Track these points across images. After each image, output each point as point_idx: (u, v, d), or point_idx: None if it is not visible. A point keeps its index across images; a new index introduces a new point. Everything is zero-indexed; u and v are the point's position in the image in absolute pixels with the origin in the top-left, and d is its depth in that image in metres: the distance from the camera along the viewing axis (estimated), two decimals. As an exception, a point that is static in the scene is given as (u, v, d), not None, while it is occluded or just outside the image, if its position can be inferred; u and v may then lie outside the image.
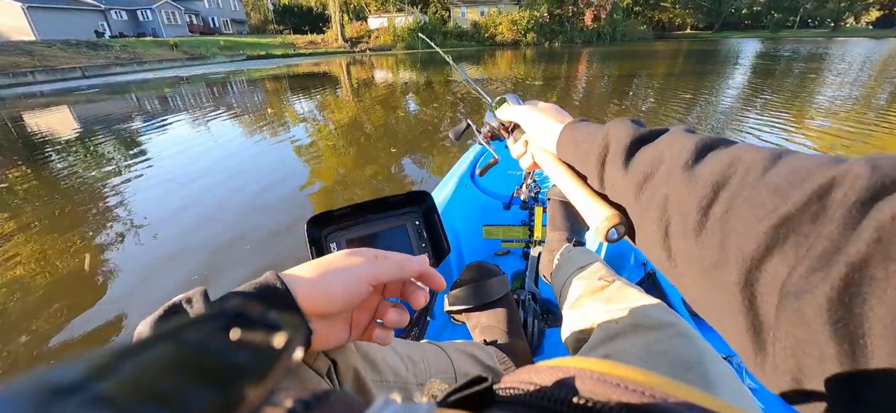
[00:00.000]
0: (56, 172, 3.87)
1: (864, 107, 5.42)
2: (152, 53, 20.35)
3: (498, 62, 16.16)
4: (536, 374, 0.24)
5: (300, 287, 0.31)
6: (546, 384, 0.22)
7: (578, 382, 0.21)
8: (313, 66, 17.72)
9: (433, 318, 1.04)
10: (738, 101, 6.07)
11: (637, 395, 0.19)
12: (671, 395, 0.19)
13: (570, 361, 0.24)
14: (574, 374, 0.22)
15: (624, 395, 0.19)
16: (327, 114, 6.38)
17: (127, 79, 14.39)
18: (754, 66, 10.81)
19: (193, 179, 3.43)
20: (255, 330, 0.12)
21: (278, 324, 0.13)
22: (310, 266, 0.34)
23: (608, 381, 0.20)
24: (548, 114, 0.49)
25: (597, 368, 0.22)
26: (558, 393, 0.21)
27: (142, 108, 7.43)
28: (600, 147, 0.36)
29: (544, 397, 0.21)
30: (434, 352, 0.60)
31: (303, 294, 0.31)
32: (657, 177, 0.30)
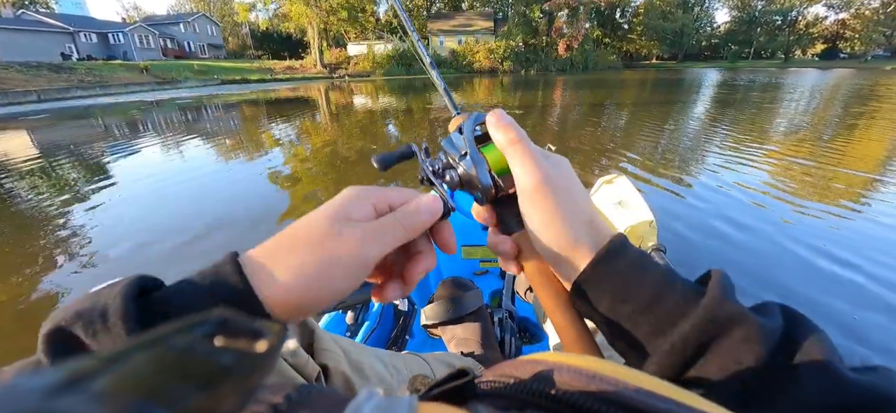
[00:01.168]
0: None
1: (820, 128, 5.85)
2: (119, 77, 19.74)
3: (476, 89, 16.50)
4: (516, 369, 0.23)
5: (268, 285, 0.24)
6: (524, 377, 0.22)
7: (556, 375, 0.21)
8: (291, 91, 17.57)
9: (412, 336, 1.07)
10: (703, 129, 6.31)
11: (609, 386, 0.19)
12: (640, 387, 0.19)
13: (548, 356, 0.24)
14: (551, 368, 0.22)
15: (597, 386, 0.20)
16: (305, 139, 6.24)
17: (88, 103, 13.74)
18: (717, 95, 11.38)
19: (155, 227, 3.22)
20: (238, 337, 0.13)
21: (261, 331, 0.13)
22: (285, 246, 0.25)
23: (583, 374, 0.21)
24: (567, 214, 0.29)
25: (573, 363, 0.22)
26: (535, 385, 0.21)
27: (89, 138, 6.79)
28: (695, 338, 0.23)
29: (522, 389, 0.21)
30: (415, 361, 0.64)
31: (272, 294, 0.24)
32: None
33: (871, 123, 6.08)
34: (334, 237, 0.25)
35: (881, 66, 35.89)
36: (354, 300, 0.96)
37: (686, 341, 0.23)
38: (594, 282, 0.28)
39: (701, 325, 0.23)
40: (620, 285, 0.27)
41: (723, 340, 0.23)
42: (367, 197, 0.28)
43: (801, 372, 0.21)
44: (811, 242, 2.21)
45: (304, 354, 0.43)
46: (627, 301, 0.26)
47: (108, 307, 0.21)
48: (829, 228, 2.41)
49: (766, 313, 0.24)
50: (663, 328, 0.25)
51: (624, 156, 4.38)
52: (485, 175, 0.32)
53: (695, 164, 4.02)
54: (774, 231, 2.38)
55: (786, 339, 0.23)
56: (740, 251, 2.18)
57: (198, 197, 3.50)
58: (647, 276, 0.26)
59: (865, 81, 16.12)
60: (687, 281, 0.27)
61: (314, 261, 0.25)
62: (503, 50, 32.89)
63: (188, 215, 3.04)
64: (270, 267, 0.24)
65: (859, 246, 2.17)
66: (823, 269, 1.97)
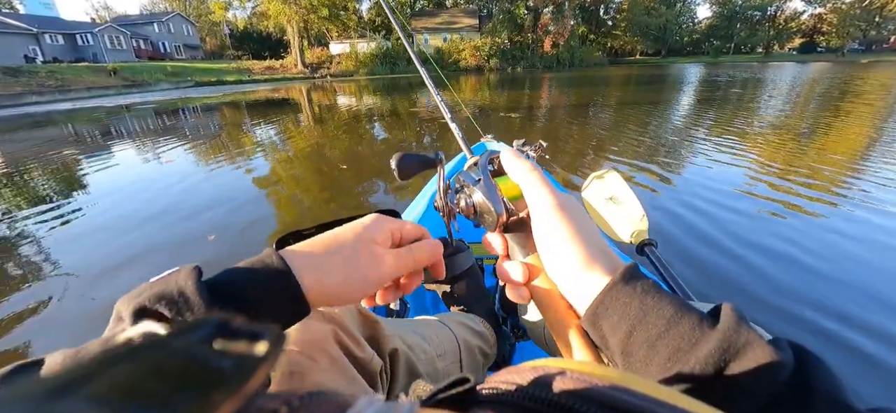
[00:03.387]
0: None
1: (800, 119, 6.12)
2: (84, 80, 18.68)
3: (462, 87, 16.01)
4: (517, 375, 0.24)
5: (307, 276, 0.29)
6: (525, 383, 0.23)
7: (557, 381, 0.21)
8: (271, 91, 16.82)
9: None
10: (688, 123, 6.16)
11: (612, 392, 0.20)
12: (645, 393, 0.19)
13: (551, 362, 0.24)
14: (553, 374, 0.22)
15: (600, 391, 0.20)
16: (288, 142, 5.68)
17: (44, 109, 12.73)
18: (701, 94, 11.15)
19: (134, 226, 2.73)
20: (238, 340, 0.13)
21: (260, 334, 0.14)
22: (317, 248, 0.31)
23: (585, 380, 0.21)
24: (582, 236, 0.31)
25: (575, 368, 0.22)
26: (536, 391, 0.21)
27: (27, 154, 6.11)
28: (713, 363, 0.23)
29: (524, 396, 0.22)
30: (438, 326, 0.71)
31: (310, 284, 0.29)
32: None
33: (848, 121, 5.98)
34: (361, 254, 0.32)
35: (857, 59, 36.72)
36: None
37: (704, 367, 0.23)
38: (611, 305, 0.27)
39: (718, 349, 0.23)
40: (637, 309, 0.27)
41: (738, 365, 0.23)
42: (389, 227, 0.35)
43: (815, 402, 0.22)
44: (790, 236, 2.27)
45: (370, 350, 0.49)
46: (644, 326, 0.26)
47: (184, 289, 0.25)
48: (807, 224, 2.47)
49: (778, 346, 0.24)
50: (681, 353, 0.25)
51: (610, 155, 4.33)
52: (497, 201, 0.34)
53: (678, 161, 3.99)
54: (758, 226, 2.42)
55: (798, 371, 0.23)
56: (727, 249, 2.16)
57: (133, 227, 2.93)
58: (663, 301, 0.26)
59: (842, 75, 16.22)
60: (700, 309, 0.27)
61: (344, 269, 0.31)
62: (489, 47, 32.50)
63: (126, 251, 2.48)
64: (308, 264, 0.30)
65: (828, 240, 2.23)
66: (803, 264, 2.01)
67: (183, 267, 0.26)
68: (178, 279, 0.25)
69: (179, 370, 0.11)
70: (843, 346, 1.46)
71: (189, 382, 0.11)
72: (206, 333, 0.13)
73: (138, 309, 0.24)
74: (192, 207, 3.16)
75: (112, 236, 2.68)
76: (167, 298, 0.24)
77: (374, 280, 0.33)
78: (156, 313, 0.24)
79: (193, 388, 0.11)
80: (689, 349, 0.24)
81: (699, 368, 0.23)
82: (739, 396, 0.22)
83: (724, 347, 0.23)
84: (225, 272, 0.28)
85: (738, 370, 0.23)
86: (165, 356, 0.12)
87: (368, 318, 0.52)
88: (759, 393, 0.22)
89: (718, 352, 0.23)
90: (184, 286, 0.25)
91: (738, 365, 0.23)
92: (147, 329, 0.12)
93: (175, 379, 0.11)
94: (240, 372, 0.12)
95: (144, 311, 0.24)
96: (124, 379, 0.10)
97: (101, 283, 2.11)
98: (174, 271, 0.26)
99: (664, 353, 0.25)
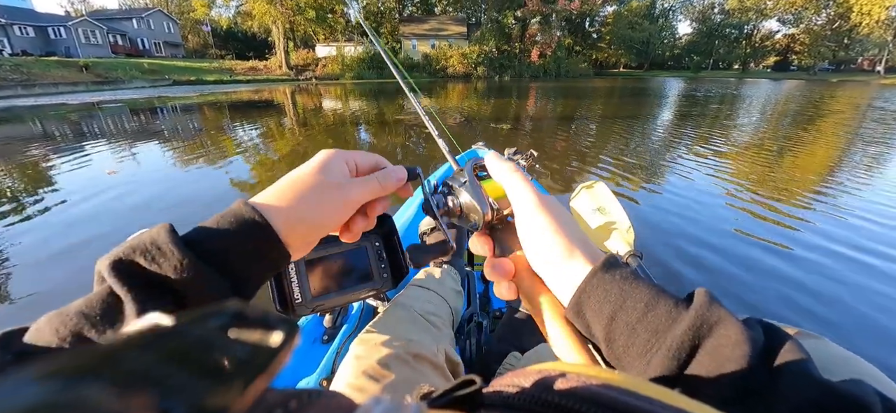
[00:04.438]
0: None
1: (773, 134, 6.49)
2: (51, 75, 17.82)
3: (450, 94, 15.93)
4: (522, 378, 0.24)
5: (279, 219, 0.30)
6: (529, 386, 0.23)
7: (560, 384, 0.22)
8: (253, 93, 16.34)
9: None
10: (669, 136, 6.29)
11: (614, 394, 0.20)
12: (647, 395, 0.19)
13: (554, 365, 0.24)
14: (556, 377, 0.22)
15: (603, 394, 0.20)
16: (270, 146, 5.37)
17: (1, 105, 12.02)
18: (680, 106, 11.44)
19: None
20: (252, 330, 0.13)
21: (274, 324, 0.14)
22: (283, 191, 0.32)
23: (588, 382, 0.21)
24: (563, 229, 0.32)
25: (578, 371, 0.22)
26: (540, 394, 0.22)
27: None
28: (689, 339, 0.25)
29: (527, 399, 0.22)
30: (440, 301, 0.86)
31: (285, 226, 0.30)
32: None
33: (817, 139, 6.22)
34: (324, 183, 0.33)
35: (827, 78, 38.46)
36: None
37: (681, 344, 0.24)
38: (592, 292, 0.29)
39: (692, 326, 0.24)
40: (617, 295, 0.28)
41: (712, 341, 0.24)
42: (343, 157, 0.36)
43: (783, 374, 0.23)
44: (768, 242, 2.43)
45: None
46: (624, 310, 0.27)
47: (157, 240, 0.25)
48: (786, 228, 2.65)
49: (748, 324, 0.25)
50: (659, 333, 0.26)
51: (599, 166, 4.43)
52: (483, 201, 0.36)
53: (661, 174, 4.08)
54: (736, 240, 2.52)
55: (768, 345, 0.24)
56: (706, 261, 2.25)
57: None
58: (640, 287, 0.28)
59: (815, 94, 16.91)
60: (675, 294, 0.28)
61: (314, 209, 0.32)
62: (477, 55, 32.61)
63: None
64: (277, 207, 0.30)
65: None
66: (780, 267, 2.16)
67: (156, 224, 0.26)
68: (151, 233, 0.26)
69: (197, 358, 0.11)
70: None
71: (207, 370, 0.11)
72: (222, 322, 0.13)
73: (115, 261, 0.24)
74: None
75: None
76: (141, 249, 0.24)
77: (342, 212, 0.34)
78: (133, 264, 0.24)
79: (211, 375, 0.11)
80: (666, 330, 0.26)
81: (676, 346, 0.24)
82: (714, 368, 0.23)
83: (697, 325, 0.24)
84: (199, 228, 0.27)
85: (711, 346, 0.24)
86: (183, 344, 0.12)
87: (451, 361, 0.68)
88: (731, 365, 0.23)
89: (692, 329, 0.24)
90: (157, 237, 0.25)
91: (711, 341, 0.24)
92: (156, 321, 0.13)
93: (193, 366, 0.11)
94: (257, 362, 0.12)
95: (121, 263, 0.24)
96: (143, 365, 0.10)
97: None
98: (148, 229, 0.26)
99: (644, 335, 0.26)
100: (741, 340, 0.23)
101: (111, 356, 0.10)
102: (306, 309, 0.50)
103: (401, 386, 0.55)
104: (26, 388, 0.09)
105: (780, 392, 0.22)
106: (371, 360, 0.60)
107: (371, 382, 0.56)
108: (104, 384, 0.09)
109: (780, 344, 0.24)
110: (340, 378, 0.60)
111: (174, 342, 0.12)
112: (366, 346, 0.64)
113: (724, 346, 0.23)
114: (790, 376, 0.22)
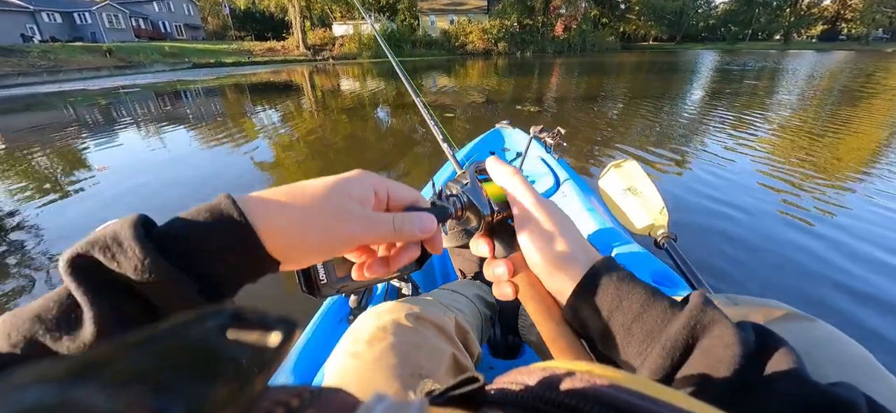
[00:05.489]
0: None
1: (818, 111, 5.96)
2: (76, 60, 17.97)
3: (469, 72, 15.24)
4: (526, 376, 0.24)
5: (264, 222, 0.25)
6: (532, 384, 0.23)
7: (564, 382, 0.22)
8: (271, 74, 16.12)
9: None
10: (703, 114, 5.60)
11: (617, 393, 0.20)
12: (648, 394, 0.20)
13: (558, 364, 0.24)
14: (560, 375, 0.22)
15: (606, 392, 0.20)
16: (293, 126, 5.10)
17: (25, 91, 12.06)
18: (714, 85, 10.39)
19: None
20: (251, 331, 0.13)
21: (273, 325, 0.13)
22: (282, 194, 0.27)
23: (591, 381, 0.21)
24: (561, 231, 0.33)
25: (581, 369, 0.22)
26: (543, 391, 0.22)
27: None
28: (682, 339, 0.26)
29: (531, 396, 0.22)
30: (466, 302, 0.76)
31: (267, 231, 0.25)
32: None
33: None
34: (326, 204, 0.27)
35: (882, 48, 35.04)
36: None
37: (675, 343, 0.25)
38: (589, 293, 0.30)
39: (686, 326, 0.25)
40: (613, 295, 0.29)
41: (705, 341, 0.25)
42: (371, 183, 0.30)
43: (774, 375, 0.23)
44: (805, 234, 2.22)
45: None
46: (620, 310, 0.28)
47: (119, 233, 0.22)
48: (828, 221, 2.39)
49: (741, 327, 0.25)
50: (654, 333, 0.27)
51: (625, 144, 4.20)
52: (483, 202, 0.36)
53: (694, 155, 3.81)
54: (776, 223, 2.36)
55: (759, 347, 0.25)
56: (747, 249, 2.08)
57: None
58: (636, 287, 0.29)
59: (866, 66, 15.14)
60: (670, 296, 0.29)
61: (303, 217, 0.27)
62: (498, 30, 31.32)
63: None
64: (265, 209, 0.26)
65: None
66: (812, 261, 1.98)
67: (125, 216, 0.23)
68: (115, 224, 0.23)
69: (195, 359, 0.11)
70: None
71: (205, 371, 0.11)
72: (220, 322, 0.13)
73: (72, 257, 0.22)
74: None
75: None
76: (101, 244, 0.22)
77: (337, 238, 0.28)
78: (92, 260, 0.22)
79: (209, 376, 0.11)
80: (661, 330, 0.26)
81: (670, 345, 0.25)
82: (707, 368, 0.24)
83: (691, 325, 0.25)
84: (173, 220, 0.24)
85: (705, 346, 0.25)
86: (180, 345, 0.12)
87: (461, 328, 0.64)
88: (723, 365, 0.24)
89: (686, 329, 0.25)
90: (118, 231, 0.22)
91: (705, 341, 0.25)
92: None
93: (190, 368, 0.11)
94: (255, 362, 0.12)
95: (79, 258, 0.22)
96: (141, 365, 0.10)
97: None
98: (114, 220, 0.24)
99: (639, 334, 0.27)
100: (733, 342, 0.24)
101: (106, 357, 0.10)
102: (331, 289, 0.45)
103: (397, 348, 0.52)
104: (20, 393, 0.09)
105: (770, 392, 0.23)
106: (370, 327, 0.57)
107: (366, 347, 0.52)
108: (99, 386, 0.09)
109: (772, 346, 0.24)
110: (337, 347, 0.56)
111: (171, 343, 0.12)
112: (368, 316, 0.61)
113: (717, 347, 0.24)
114: (780, 377, 0.23)
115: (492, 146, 2.28)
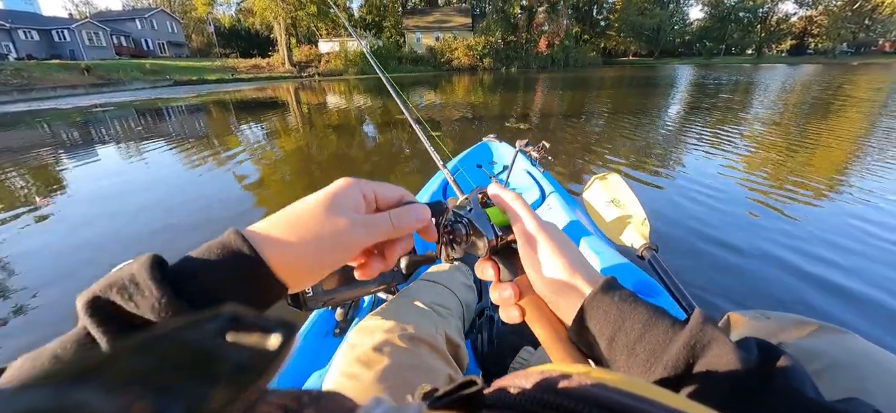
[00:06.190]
0: None
1: (791, 122, 6.14)
2: (52, 78, 17.57)
3: (455, 88, 15.38)
4: (524, 379, 0.24)
5: (273, 253, 0.26)
6: (530, 387, 0.23)
7: (561, 385, 0.22)
8: (256, 91, 15.98)
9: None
10: (680, 127, 5.74)
11: (616, 396, 0.20)
12: (645, 396, 0.20)
13: (556, 367, 0.25)
14: (556, 378, 0.23)
15: (604, 395, 0.20)
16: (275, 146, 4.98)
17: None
18: (698, 100, 10.74)
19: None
20: (250, 333, 0.13)
21: (271, 328, 0.14)
22: (281, 223, 0.28)
23: (589, 383, 0.21)
24: (564, 253, 0.34)
25: (579, 372, 0.23)
26: (541, 395, 0.22)
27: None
28: (683, 359, 0.27)
29: (528, 399, 0.22)
30: (448, 294, 0.80)
31: (278, 262, 0.26)
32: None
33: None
34: (327, 221, 0.29)
35: (848, 62, 36.93)
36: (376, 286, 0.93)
37: (676, 362, 0.26)
38: (593, 313, 0.31)
39: (686, 345, 0.26)
40: (616, 316, 0.30)
41: (705, 360, 0.26)
42: (359, 188, 0.32)
43: (774, 392, 0.23)
44: (782, 240, 2.27)
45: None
46: (623, 330, 0.29)
47: (136, 274, 0.23)
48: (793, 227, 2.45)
49: (743, 346, 0.26)
50: (657, 353, 0.27)
51: (608, 157, 4.28)
52: (487, 227, 0.37)
53: (675, 165, 3.91)
54: (753, 233, 2.37)
55: (762, 363, 0.25)
56: (723, 252, 2.14)
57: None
58: (638, 308, 0.30)
59: (833, 79, 15.86)
60: (671, 315, 0.30)
61: (310, 238, 0.28)
62: (482, 47, 31.91)
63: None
64: (272, 239, 0.27)
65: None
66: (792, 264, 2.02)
67: (140, 256, 0.24)
68: (131, 266, 0.24)
69: (193, 362, 0.11)
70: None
71: (204, 372, 0.11)
72: (219, 326, 0.13)
73: (91, 298, 0.22)
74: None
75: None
76: (118, 286, 0.23)
77: (344, 250, 0.30)
78: (109, 302, 0.23)
79: (209, 377, 0.11)
80: (663, 350, 0.27)
81: (672, 365, 0.26)
82: (707, 386, 0.25)
83: (691, 344, 0.26)
84: (185, 259, 0.25)
85: (704, 365, 0.25)
86: (180, 347, 0.12)
87: (452, 344, 0.67)
88: (722, 382, 0.24)
89: (687, 348, 0.26)
90: (135, 272, 0.23)
91: (705, 360, 0.26)
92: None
93: (191, 369, 0.11)
94: (254, 364, 0.12)
95: (97, 301, 0.22)
96: (139, 368, 0.10)
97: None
98: (129, 261, 0.24)
99: (642, 355, 0.28)
100: (732, 360, 0.25)
101: (108, 360, 0.10)
102: (317, 302, 0.49)
103: (395, 370, 0.54)
104: (20, 395, 0.09)
105: (769, 410, 0.23)
106: (365, 347, 0.57)
107: (363, 369, 0.54)
108: (98, 387, 0.09)
109: (775, 365, 0.25)
110: (334, 368, 0.58)
111: (170, 345, 0.12)
112: (362, 333, 0.62)
113: (716, 366, 0.25)
114: (780, 395, 0.23)
115: (479, 159, 2.29)
